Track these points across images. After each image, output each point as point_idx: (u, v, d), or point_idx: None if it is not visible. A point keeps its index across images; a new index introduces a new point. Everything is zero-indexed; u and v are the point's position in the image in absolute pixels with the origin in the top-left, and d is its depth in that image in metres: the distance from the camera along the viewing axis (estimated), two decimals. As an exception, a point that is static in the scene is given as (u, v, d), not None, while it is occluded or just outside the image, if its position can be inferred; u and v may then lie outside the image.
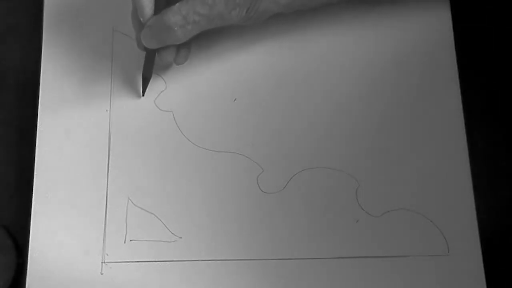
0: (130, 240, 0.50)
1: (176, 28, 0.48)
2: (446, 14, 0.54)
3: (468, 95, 0.52)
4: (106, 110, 0.53)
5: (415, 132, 0.52)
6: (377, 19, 0.54)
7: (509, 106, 0.54)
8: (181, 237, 0.50)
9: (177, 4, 0.48)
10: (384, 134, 0.52)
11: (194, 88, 0.53)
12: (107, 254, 0.50)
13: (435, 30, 0.54)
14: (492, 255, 0.49)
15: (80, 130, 0.52)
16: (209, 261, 0.49)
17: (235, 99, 0.53)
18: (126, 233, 0.50)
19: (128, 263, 0.49)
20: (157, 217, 0.50)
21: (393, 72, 0.53)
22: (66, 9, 0.55)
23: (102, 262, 0.50)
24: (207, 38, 0.54)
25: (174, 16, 0.47)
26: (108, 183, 0.51)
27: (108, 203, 0.51)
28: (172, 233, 0.50)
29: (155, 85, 0.53)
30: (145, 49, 0.51)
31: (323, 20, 0.54)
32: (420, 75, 0.53)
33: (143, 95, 0.53)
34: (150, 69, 0.52)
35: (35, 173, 0.51)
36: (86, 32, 0.55)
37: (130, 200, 0.51)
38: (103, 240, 0.50)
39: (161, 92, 0.53)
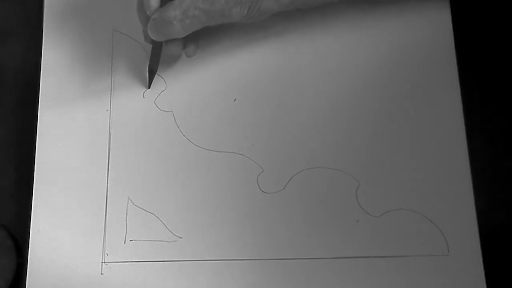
0: (130, 240, 0.50)
1: (175, 22, 0.48)
2: (446, 14, 0.54)
3: (468, 95, 0.52)
4: (106, 110, 0.53)
5: (415, 132, 0.52)
6: (378, 18, 0.54)
7: (508, 106, 0.54)
8: (181, 237, 0.50)
9: None
10: (384, 134, 0.52)
11: (194, 88, 0.53)
12: (107, 254, 0.50)
13: (435, 30, 0.54)
14: (492, 255, 0.49)
15: (80, 130, 0.52)
16: (209, 261, 0.49)
17: (235, 99, 0.53)
18: (126, 233, 0.50)
19: (128, 263, 0.49)
20: (157, 217, 0.50)
21: (393, 72, 0.53)
22: (66, 9, 0.55)
23: (102, 262, 0.50)
24: (207, 38, 0.54)
25: (174, 10, 0.48)
26: (108, 183, 0.51)
27: (108, 203, 0.51)
28: (172, 233, 0.50)
29: (155, 85, 0.53)
30: (152, 41, 0.51)
31: (323, 20, 0.54)
32: (420, 75, 0.53)
33: (149, 87, 0.53)
34: (156, 61, 0.52)
35: (35, 173, 0.51)
36: (86, 32, 0.55)
37: (130, 200, 0.51)
38: (103, 240, 0.50)
39: (161, 92, 0.53)
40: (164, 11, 0.48)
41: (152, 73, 0.53)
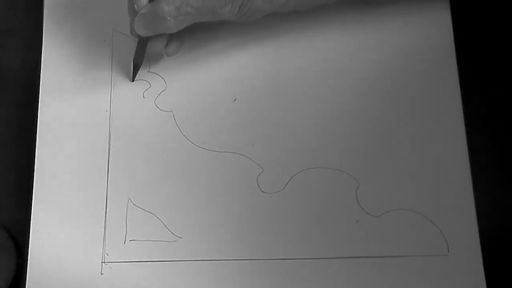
0: (130, 240, 0.50)
1: (169, 18, 0.48)
2: (446, 15, 0.54)
3: (468, 95, 0.52)
4: (106, 110, 0.53)
5: (415, 132, 0.52)
6: (377, 20, 0.54)
7: (508, 107, 0.54)
8: (181, 237, 0.50)
9: None
10: (384, 135, 0.52)
11: (194, 88, 0.53)
12: (107, 254, 0.50)
13: (435, 31, 0.54)
14: (492, 255, 0.49)
15: (80, 130, 0.52)
16: (209, 261, 0.49)
17: (235, 99, 0.53)
18: (126, 233, 0.50)
19: (128, 263, 0.49)
20: (157, 217, 0.50)
21: (393, 72, 0.53)
22: (66, 9, 0.55)
23: (102, 262, 0.50)
24: (207, 38, 0.54)
25: (168, 6, 0.48)
26: (108, 183, 0.51)
27: (108, 203, 0.51)
28: (172, 233, 0.50)
29: (155, 85, 0.53)
30: (138, 36, 0.51)
31: (323, 21, 0.54)
32: (420, 76, 0.53)
33: (132, 81, 0.53)
34: (141, 56, 0.52)
35: (35, 173, 0.51)
36: (86, 32, 0.55)
37: (130, 200, 0.51)
38: (103, 240, 0.50)
39: (161, 92, 0.53)
40: (156, 7, 0.48)
41: (136, 67, 0.53)
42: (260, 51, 0.54)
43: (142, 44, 0.52)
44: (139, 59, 0.52)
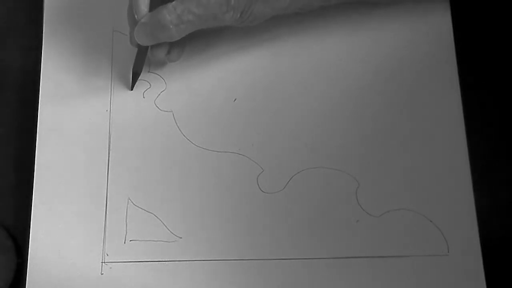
0: (130, 240, 0.50)
1: (171, 26, 0.48)
2: (446, 14, 0.54)
3: (468, 95, 0.52)
4: (106, 110, 0.53)
5: (415, 132, 0.52)
6: (377, 20, 0.54)
7: (509, 106, 0.54)
8: (181, 237, 0.50)
9: (172, 3, 0.48)
10: (384, 134, 0.52)
11: (194, 88, 0.53)
12: (107, 254, 0.50)
13: (435, 30, 0.54)
14: (492, 255, 0.49)
15: (80, 130, 0.52)
16: (209, 261, 0.49)
17: (235, 99, 0.53)
18: (126, 233, 0.50)
19: (128, 263, 0.49)
20: (157, 217, 0.50)
21: (393, 72, 0.53)
22: (66, 9, 0.56)
23: (102, 262, 0.50)
24: (207, 38, 0.54)
25: (169, 14, 0.48)
26: (108, 183, 0.51)
27: (108, 203, 0.51)
28: (172, 233, 0.50)
29: (155, 85, 0.53)
30: (138, 45, 0.51)
31: (323, 22, 0.54)
32: (420, 76, 0.53)
33: (131, 89, 0.53)
34: (141, 64, 0.52)
35: (35, 173, 0.51)
36: (86, 32, 0.55)
37: (130, 200, 0.51)
38: (103, 240, 0.50)
39: (161, 92, 0.53)
40: (157, 15, 0.48)
41: (135, 76, 0.53)
42: (260, 52, 0.54)
43: (142, 52, 0.52)
44: (138, 67, 0.52)
